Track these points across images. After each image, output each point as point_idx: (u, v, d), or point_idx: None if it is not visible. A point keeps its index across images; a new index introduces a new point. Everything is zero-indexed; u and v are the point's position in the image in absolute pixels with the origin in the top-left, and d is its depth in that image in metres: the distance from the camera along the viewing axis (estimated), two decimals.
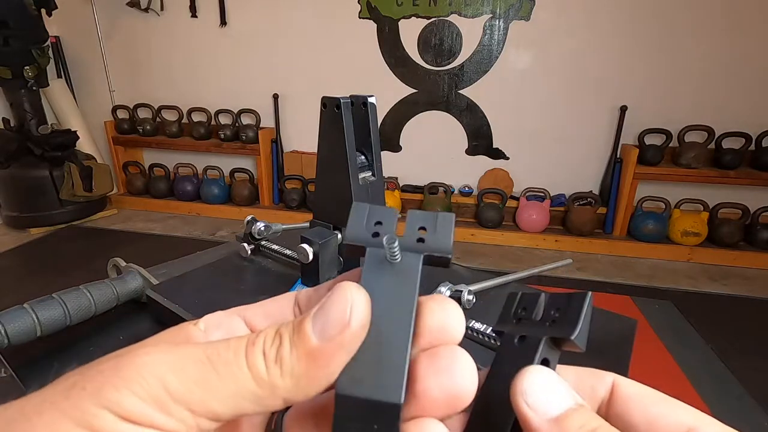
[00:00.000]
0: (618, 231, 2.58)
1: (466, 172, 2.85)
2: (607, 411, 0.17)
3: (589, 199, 2.58)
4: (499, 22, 2.53)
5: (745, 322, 1.90)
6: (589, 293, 0.17)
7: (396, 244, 0.16)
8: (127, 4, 2.92)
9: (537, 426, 0.15)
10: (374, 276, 0.16)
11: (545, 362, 0.17)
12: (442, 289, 0.67)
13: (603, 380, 0.17)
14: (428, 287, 0.74)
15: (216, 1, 2.82)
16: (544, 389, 0.15)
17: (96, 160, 2.90)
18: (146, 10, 2.92)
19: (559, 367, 0.17)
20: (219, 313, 0.19)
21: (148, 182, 3.15)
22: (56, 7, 2.72)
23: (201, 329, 0.18)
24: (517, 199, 2.69)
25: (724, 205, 2.39)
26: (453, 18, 2.57)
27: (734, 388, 1.57)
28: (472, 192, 2.79)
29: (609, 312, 0.72)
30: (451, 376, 0.15)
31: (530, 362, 0.16)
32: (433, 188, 2.75)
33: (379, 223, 0.18)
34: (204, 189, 3.03)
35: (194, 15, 2.89)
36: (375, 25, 2.68)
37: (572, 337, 0.16)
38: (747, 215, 2.39)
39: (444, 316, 0.16)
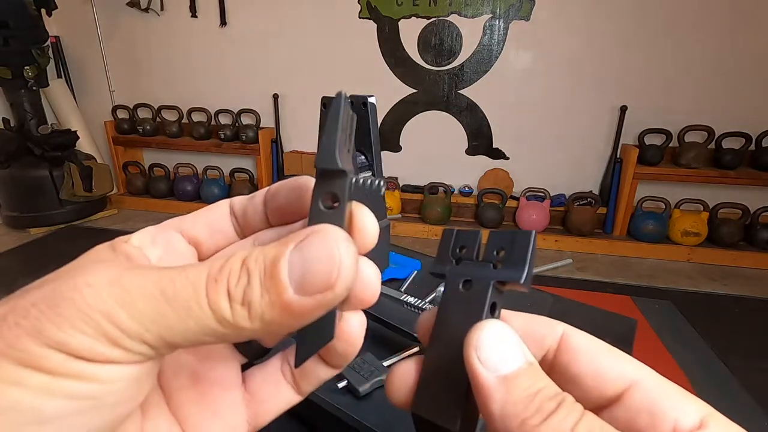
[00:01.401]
0: (618, 231, 2.58)
1: (466, 172, 2.84)
2: (553, 360, 0.17)
3: (589, 199, 2.58)
4: (499, 22, 2.53)
5: (745, 322, 1.90)
6: (533, 232, 0.17)
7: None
8: (127, 4, 2.92)
9: (485, 382, 0.15)
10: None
11: (493, 307, 0.17)
12: (441, 289, 0.66)
13: (553, 330, 0.17)
14: (428, 288, 0.74)
15: (216, 1, 2.82)
16: (498, 345, 0.15)
17: (96, 160, 2.90)
18: (146, 10, 2.92)
19: (510, 313, 0.18)
20: (151, 228, 0.18)
21: (148, 182, 3.15)
22: (56, 7, 2.72)
23: (135, 245, 0.17)
24: (517, 199, 2.69)
25: (724, 205, 2.39)
26: (453, 18, 2.57)
27: (734, 388, 1.57)
28: (472, 192, 2.79)
29: (609, 312, 0.72)
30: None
31: (480, 309, 0.16)
32: (433, 188, 2.75)
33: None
34: (204, 189, 3.03)
35: (194, 15, 2.89)
36: (375, 25, 2.68)
37: (521, 281, 0.16)
38: (747, 215, 2.39)
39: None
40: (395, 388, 0.18)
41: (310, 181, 0.18)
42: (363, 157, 0.59)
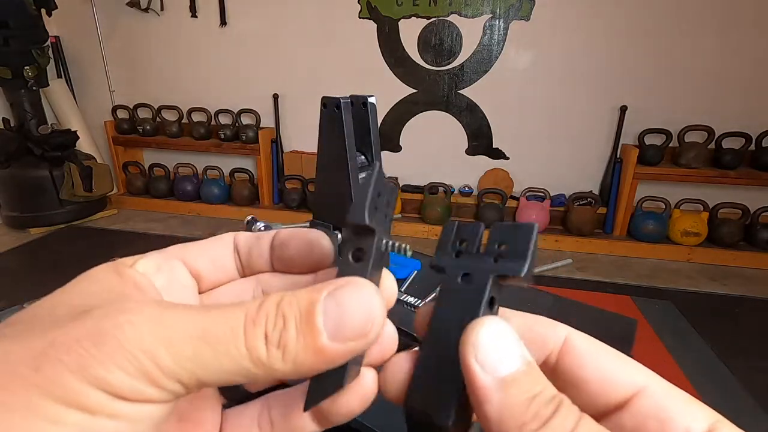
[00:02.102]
0: (618, 231, 2.58)
1: (466, 172, 2.85)
2: (556, 364, 0.16)
3: (589, 199, 2.58)
4: (499, 22, 2.53)
5: (745, 322, 1.90)
6: (535, 225, 0.16)
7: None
8: (127, 4, 2.92)
9: (483, 384, 0.14)
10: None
11: (492, 301, 0.16)
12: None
13: (556, 332, 0.17)
14: (428, 288, 0.74)
15: (216, 1, 2.82)
16: (496, 345, 0.15)
17: (96, 160, 2.90)
18: (146, 10, 2.92)
19: (510, 312, 0.17)
20: (155, 255, 0.18)
21: (148, 182, 3.15)
22: (56, 7, 2.72)
23: (140, 272, 0.17)
24: (517, 199, 2.69)
25: (724, 205, 2.39)
26: (453, 18, 2.57)
27: (734, 388, 1.57)
28: (472, 192, 2.79)
29: (609, 312, 0.72)
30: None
31: (478, 304, 0.16)
32: (433, 188, 2.75)
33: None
34: (204, 189, 3.03)
35: (194, 15, 2.89)
36: (375, 25, 2.68)
37: (522, 275, 0.15)
38: (747, 215, 2.39)
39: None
40: (388, 382, 0.17)
41: (322, 238, 0.19)
42: (363, 157, 0.59)
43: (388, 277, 0.17)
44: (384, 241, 0.17)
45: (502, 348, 0.15)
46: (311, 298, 0.14)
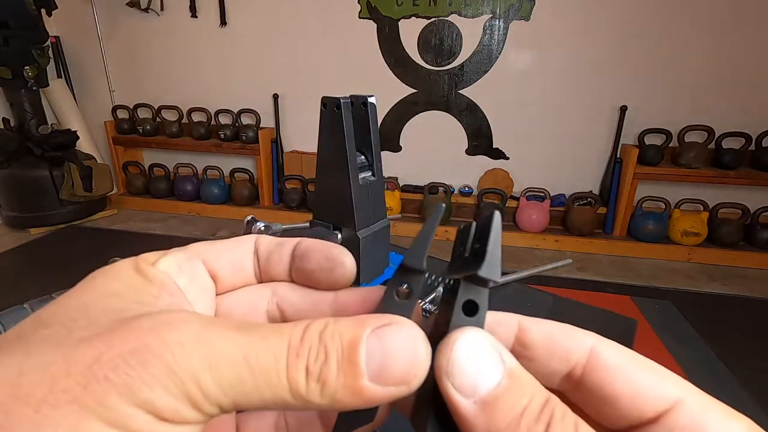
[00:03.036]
0: (618, 231, 2.58)
1: (466, 172, 2.85)
2: (582, 377, 0.15)
3: (589, 199, 2.58)
4: (499, 22, 2.53)
5: (745, 322, 1.90)
6: (495, 212, 0.15)
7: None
8: (127, 4, 2.92)
9: (465, 412, 0.13)
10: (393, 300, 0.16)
11: (469, 305, 0.15)
12: (440, 289, 0.66)
13: (581, 343, 0.15)
14: (428, 287, 0.74)
15: (216, 1, 2.82)
16: (472, 364, 0.14)
17: (96, 160, 2.90)
18: (146, 10, 2.92)
19: (532, 320, 0.16)
20: (178, 254, 0.17)
21: (148, 182, 3.15)
22: (56, 7, 2.72)
23: (162, 271, 0.16)
24: (517, 199, 2.69)
25: (724, 205, 2.39)
26: (453, 18, 2.57)
27: (734, 388, 1.57)
28: (472, 192, 2.79)
29: (609, 312, 0.72)
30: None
31: (449, 314, 0.15)
32: (433, 188, 2.75)
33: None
34: (204, 189, 3.03)
35: (194, 15, 2.89)
36: (375, 25, 2.68)
37: (479, 273, 0.14)
38: (747, 215, 2.39)
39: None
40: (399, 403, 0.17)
41: (344, 255, 0.18)
42: (363, 156, 0.59)
43: (418, 314, 0.16)
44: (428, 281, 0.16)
45: (478, 365, 0.14)
46: (355, 334, 0.13)
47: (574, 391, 0.15)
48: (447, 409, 0.14)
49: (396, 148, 2.91)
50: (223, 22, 2.86)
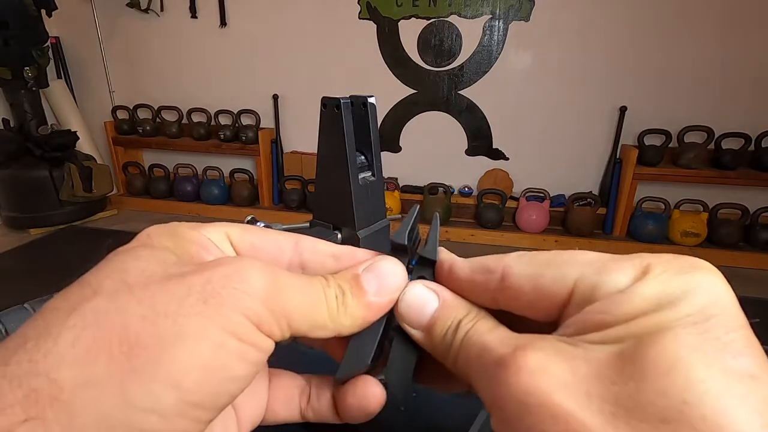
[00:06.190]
0: (618, 231, 2.58)
1: (465, 172, 2.85)
2: (503, 297, 0.17)
3: (588, 200, 2.58)
4: (498, 22, 2.54)
5: None
6: (416, 206, 0.22)
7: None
8: (127, 4, 2.92)
9: (416, 338, 0.19)
10: None
11: (422, 278, 0.20)
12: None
13: (494, 272, 0.18)
14: None
15: (216, 1, 2.82)
16: (412, 304, 0.19)
17: (96, 161, 2.90)
18: (146, 10, 2.92)
19: (456, 262, 0.20)
20: (235, 230, 0.20)
21: (148, 183, 3.15)
22: (56, 8, 2.72)
23: (201, 234, 0.19)
24: (516, 199, 2.69)
25: (723, 206, 2.39)
26: (453, 19, 2.57)
27: None
28: (471, 192, 2.79)
29: None
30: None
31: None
32: (432, 189, 2.75)
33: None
34: (204, 189, 3.03)
35: (194, 16, 2.89)
36: (375, 25, 2.68)
37: (423, 254, 0.20)
38: (747, 216, 2.39)
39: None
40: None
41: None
42: (363, 157, 0.59)
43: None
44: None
45: (418, 303, 0.19)
46: (354, 272, 0.19)
47: (507, 318, 0.18)
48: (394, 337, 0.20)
49: (396, 148, 2.91)
50: (223, 23, 2.86)
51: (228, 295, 0.15)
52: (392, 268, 0.19)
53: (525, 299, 0.17)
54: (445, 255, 0.20)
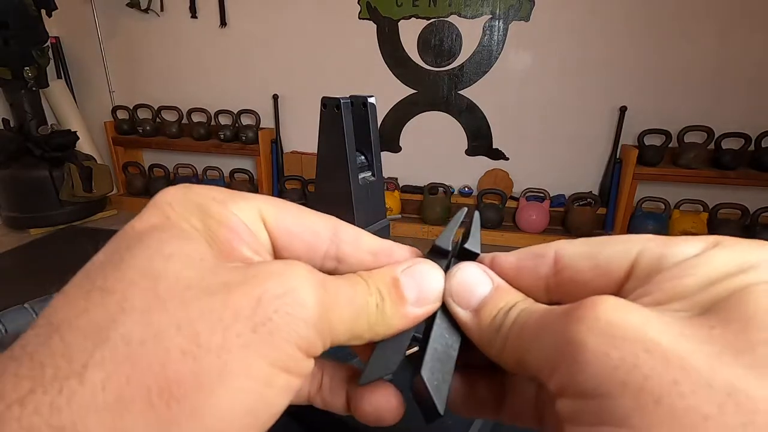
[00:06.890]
0: (618, 231, 2.58)
1: (465, 172, 2.85)
2: (555, 282, 0.17)
3: (588, 200, 2.58)
4: (498, 22, 2.54)
5: None
6: (464, 209, 0.23)
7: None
8: (127, 4, 2.92)
9: (463, 319, 0.17)
10: None
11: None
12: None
13: (545, 256, 0.17)
14: None
15: (216, 1, 2.82)
16: (464, 283, 0.18)
17: (96, 161, 2.90)
18: (146, 10, 2.92)
19: (503, 254, 0.19)
20: (269, 206, 0.17)
21: (148, 183, 3.15)
22: (56, 8, 2.72)
23: (233, 213, 0.16)
24: (516, 199, 2.69)
25: (723, 206, 2.39)
26: (453, 19, 2.57)
27: None
28: (471, 192, 2.79)
29: None
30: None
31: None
32: (432, 188, 2.75)
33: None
34: None
35: (194, 16, 2.89)
36: (375, 25, 2.68)
37: (468, 246, 0.19)
38: (747, 216, 2.39)
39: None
40: None
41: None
42: (363, 157, 0.59)
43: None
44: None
45: (469, 283, 0.18)
46: (392, 275, 0.17)
47: (557, 298, 0.17)
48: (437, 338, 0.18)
49: (396, 148, 2.91)
50: (223, 23, 2.86)
51: (281, 321, 0.13)
52: (434, 275, 0.18)
53: (581, 278, 0.16)
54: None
